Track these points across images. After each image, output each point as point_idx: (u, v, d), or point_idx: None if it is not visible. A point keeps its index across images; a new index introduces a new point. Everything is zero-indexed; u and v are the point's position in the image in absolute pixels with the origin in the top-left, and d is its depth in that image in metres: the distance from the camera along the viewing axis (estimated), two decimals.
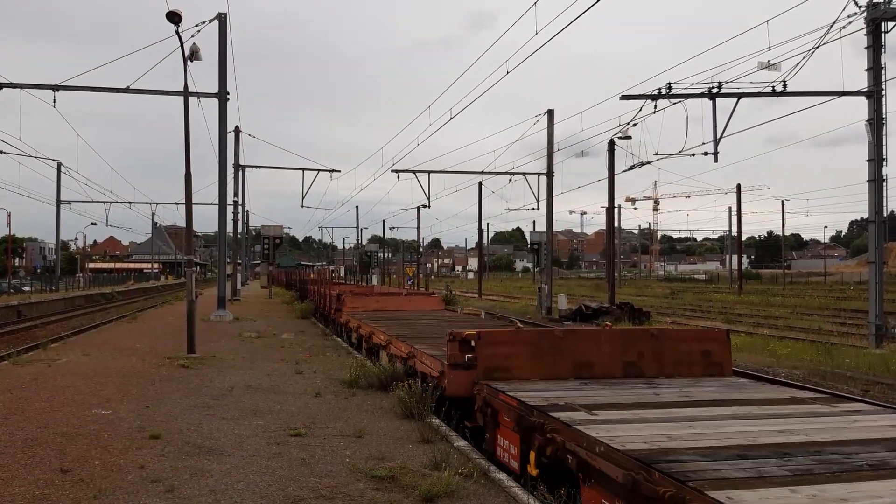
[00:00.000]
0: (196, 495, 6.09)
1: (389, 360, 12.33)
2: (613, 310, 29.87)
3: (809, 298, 48.42)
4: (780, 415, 6.28)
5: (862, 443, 5.21)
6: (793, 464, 4.64)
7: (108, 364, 14.22)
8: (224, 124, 26.84)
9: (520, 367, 8.27)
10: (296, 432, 8.32)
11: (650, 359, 8.70)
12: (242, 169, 44.57)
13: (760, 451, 4.95)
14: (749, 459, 4.73)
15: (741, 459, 4.72)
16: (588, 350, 8.61)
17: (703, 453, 4.84)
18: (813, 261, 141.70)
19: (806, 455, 4.84)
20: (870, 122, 19.63)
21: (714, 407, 6.62)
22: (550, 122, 32.73)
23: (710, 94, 21.13)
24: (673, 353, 8.77)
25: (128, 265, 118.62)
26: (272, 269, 50.68)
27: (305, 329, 22.85)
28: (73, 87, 25.21)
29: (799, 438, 5.35)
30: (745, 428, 5.69)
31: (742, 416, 6.22)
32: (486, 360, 8.17)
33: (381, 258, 73.76)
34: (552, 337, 8.70)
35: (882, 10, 18.99)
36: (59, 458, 7.24)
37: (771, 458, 4.78)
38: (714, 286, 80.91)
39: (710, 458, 4.71)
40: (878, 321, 19.66)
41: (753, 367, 16.18)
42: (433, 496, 5.94)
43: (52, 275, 60.93)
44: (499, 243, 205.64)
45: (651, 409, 6.40)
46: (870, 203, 19.93)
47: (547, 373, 8.33)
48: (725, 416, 6.20)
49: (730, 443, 5.15)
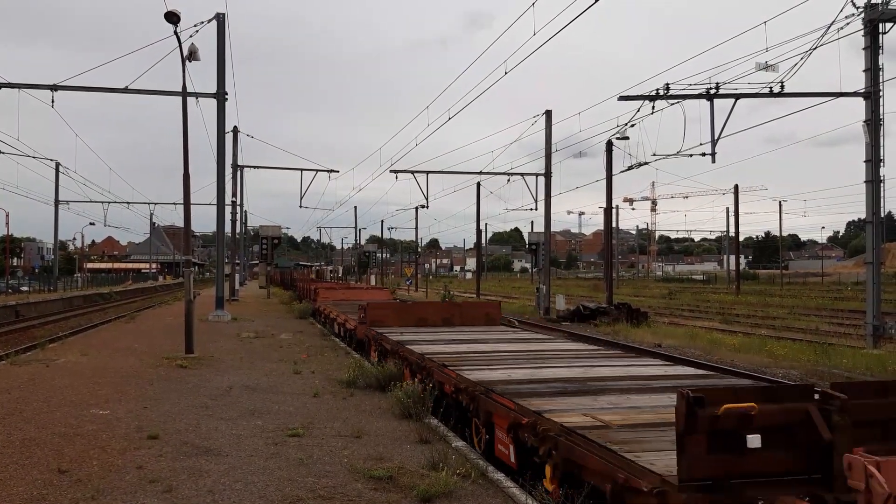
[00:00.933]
0: (194, 495, 6.10)
1: (338, 327, 20.43)
2: (611, 310, 29.86)
3: (807, 299, 48.47)
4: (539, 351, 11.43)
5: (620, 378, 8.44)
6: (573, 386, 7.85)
7: (106, 364, 14.22)
8: (222, 124, 26.84)
9: (389, 319, 16.00)
10: (294, 432, 8.33)
11: (458, 316, 16.78)
12: (241, 169, 44.54)
13: (550, 381, 8.17)
14: (545, 384, 7.93)
15: (536, 384, 7.95)
16: (424, 311, 17.04)
17: (516, 384, 7.98)
18: (810, 261, 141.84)
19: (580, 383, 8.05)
20: (867, 123, 19.64)
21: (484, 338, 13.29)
22: (548, 123, 32.74)
23: (707, 95, 21.13)
24: (469, 314, 17.05)
25: (126, 265, 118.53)
26: (270, 270, 50.66)
27: (304, 329, 22.85)
28: (71, 88, 25.19)
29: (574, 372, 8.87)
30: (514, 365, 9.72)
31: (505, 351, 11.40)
32: (371, 317, 15.88)
33: (380, 258, 73.76)
34: (405, 305, 18.36)
35: (880, 11, 19.01)
36: (56, 458, 7.24)
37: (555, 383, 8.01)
38: (712, 286, 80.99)
39: (523, 385, 7.88)
40: (875, 321, 19.69)
41: (751, 367, 16.21)
42: (431, 496, 5.95)
43: (50, 275, 60.88)
44: (497, 243, 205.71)
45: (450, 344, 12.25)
46: (867, 204, 19.95)
47: (402, 323, 15.93)
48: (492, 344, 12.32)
49: (526, 377, 8.49)
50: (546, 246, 34.94)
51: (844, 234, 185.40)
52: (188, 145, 16.75)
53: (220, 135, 26.92)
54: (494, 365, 9.53)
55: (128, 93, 25.36)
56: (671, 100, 21.55)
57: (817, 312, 35.85)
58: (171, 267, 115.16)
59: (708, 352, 19.37)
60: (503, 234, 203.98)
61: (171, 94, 24.64)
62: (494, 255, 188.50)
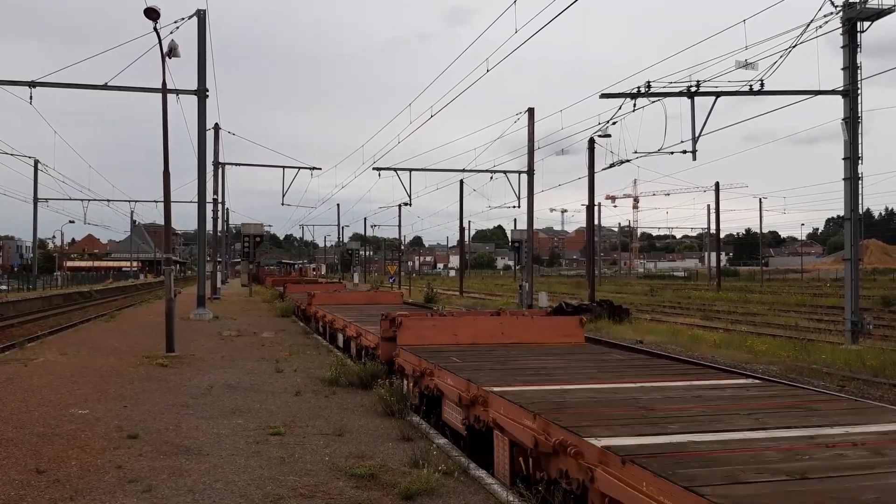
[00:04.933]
0: (174, 495, 6.06)
1: (295, 301, 27.81)
2: (593, 307, 29.97)
3: (787, 295, 48.92)
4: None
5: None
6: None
7: (85, 363, 14.09)
8: (203, 121, 26.67)
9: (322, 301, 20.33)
10: (275, 431, 8.30)
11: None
12: (222, 166, 44.30)
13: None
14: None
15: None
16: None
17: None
18: (790, 258, 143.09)
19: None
20: (846, 121, 19.84)
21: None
22: (531, 121, 32.80)
23: (688, 93, 21.26)
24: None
25: (106, 264, 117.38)
26: (253, 268, 50.40)
27: (286, 327, 22.76)
28: (50, 84, 24.94)
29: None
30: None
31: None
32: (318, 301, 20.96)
33: (363, 256, 73.59)
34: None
35: (858, 10, 19.20)
36: (34, 458, 7.16)
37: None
38: (693, 283, 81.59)
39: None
40: (853, 317, 19.90)
41: (732, 363, 16.34)
42: (413, 494, 5.94)
43: (30, 273, 60.21)
44: (480, 241, 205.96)
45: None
46: (845, 201, 20.14)
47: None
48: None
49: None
50: (529, 243, 35.02)
51: (824, 231, 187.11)
52: (168, 142, 16.63)
53: (202, 132, 26.74)
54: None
55: (108, 89, 25.13)
56: (652, 97, 21.66)
57: (797, 309, 36.22)
58: (153, 265, 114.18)
59: (689, 348, 19.51)
60: (486, 232, 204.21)
61: (151, 90, 24.46)
62: (478, 253, 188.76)
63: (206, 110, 26.46)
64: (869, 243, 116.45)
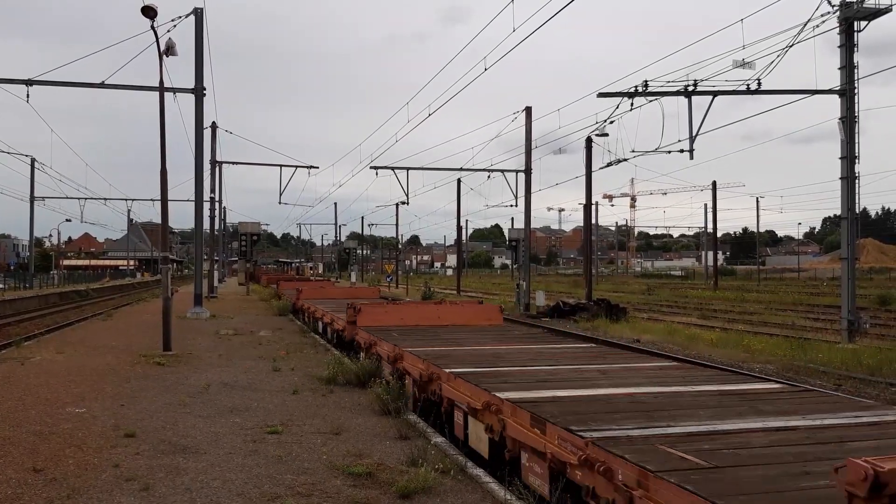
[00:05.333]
0: (171, 493, 6.05)
1: (288, 298, 28.18)
2: (590, 306, 30.04)
3: (783, 294, 48.99)
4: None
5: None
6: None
7: (82, 362, 14.07)
8: (200, 120, 26.62)
9: (309, 296, 21.95)
10: (273, 430, 8.30)
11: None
12: (219, 165, 44.24)
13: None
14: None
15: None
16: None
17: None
18: (787, 257, 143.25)
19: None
20: (842, 120, 19.86)
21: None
22: (528, 120, 32.81)
23: (685, 92, 21.27)
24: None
25: (103, 262, 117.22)
26: (249, 266, 50.38)
27: (283, 326, 22.75)
28: (47, 83, 24.86)
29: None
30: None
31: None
32: (305, 296, 22.83)
33: (360, 255, 73.57)
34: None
35: (855, 10, 19.23)
36: (31, 457, 7.15)
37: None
38: (690, 282, 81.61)
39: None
40: (850, 316, 19.93)
41: (728, 361, 16.37)
42: (410, 492, 5.95)
43: (26, 272, 60.09)
44: (477, 240, 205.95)
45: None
46: (842, 200, 20.18)
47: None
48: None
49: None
50: (526, 242, 35.04)
51: (821, 230, 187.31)
52: (165, 141, 16.60)
53: (199, 130, 26.70)
54: None
55: (105, 88, 25.07)
56: (650, 97, 21.66)
57: (794, 308, 36.25)
58: (150, 264, 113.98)
59: (686, 347, 19.53)
60: (484, 231, 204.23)
61: (148, 89, 24.39)
62: (475, 252, 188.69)
63: (204, 109, 26.43)
64: (865, 242, 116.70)
